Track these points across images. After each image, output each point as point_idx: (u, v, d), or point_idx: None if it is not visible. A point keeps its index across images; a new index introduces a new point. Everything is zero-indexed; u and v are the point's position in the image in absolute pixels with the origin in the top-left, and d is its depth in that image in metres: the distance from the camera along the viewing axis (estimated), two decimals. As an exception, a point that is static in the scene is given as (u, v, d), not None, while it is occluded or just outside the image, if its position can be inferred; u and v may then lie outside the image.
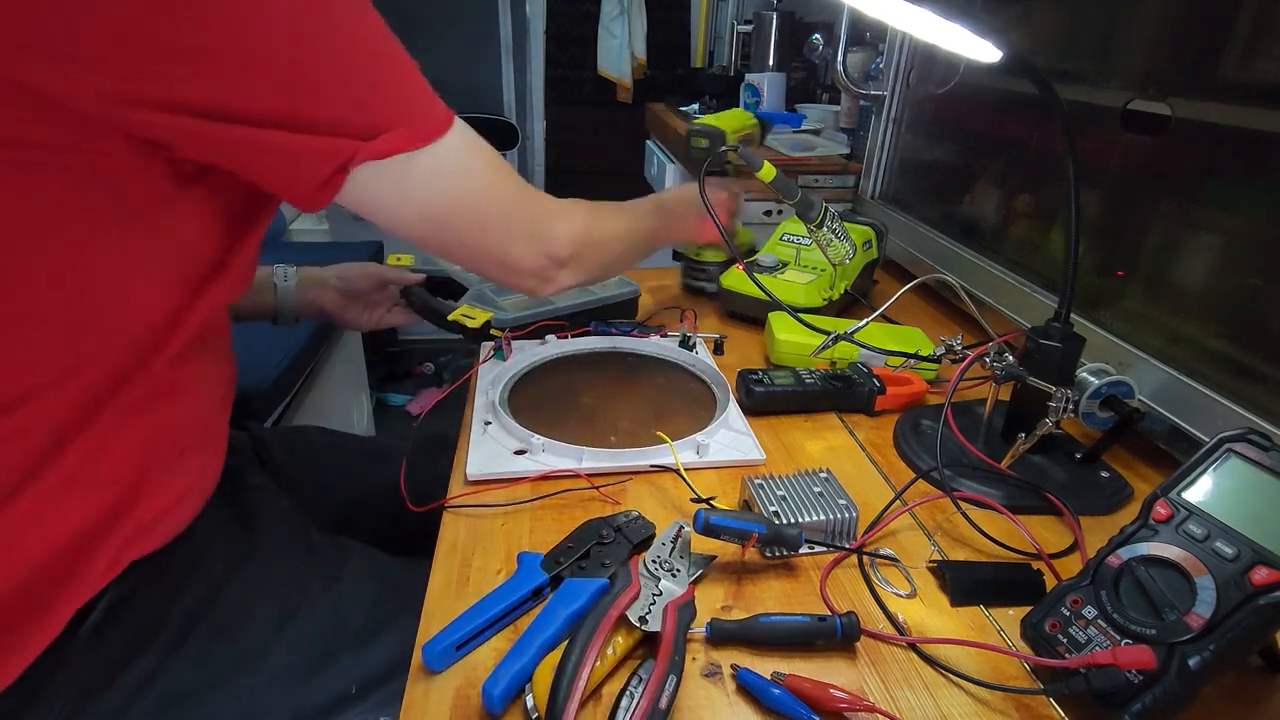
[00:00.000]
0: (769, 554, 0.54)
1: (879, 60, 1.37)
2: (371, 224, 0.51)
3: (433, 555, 0.54)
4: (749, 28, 2.25)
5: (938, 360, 0.75)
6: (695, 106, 2.23)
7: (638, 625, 0.45)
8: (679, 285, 1.09)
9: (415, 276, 0.86)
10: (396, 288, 0.86)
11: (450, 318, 0.79)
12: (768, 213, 1.41)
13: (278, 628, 0.57)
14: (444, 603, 0.50)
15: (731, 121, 1.01)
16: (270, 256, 2.13)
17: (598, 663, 0.42)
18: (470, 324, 0.77)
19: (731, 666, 0.45)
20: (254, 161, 0.44)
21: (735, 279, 0.95)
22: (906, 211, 1.24)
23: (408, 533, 0.67)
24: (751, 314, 0.95)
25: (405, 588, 0.60)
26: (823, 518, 0.55)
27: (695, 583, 0.51)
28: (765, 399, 0.74)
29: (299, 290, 0.82)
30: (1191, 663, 0.39)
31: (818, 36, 1.98)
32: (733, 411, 0.73)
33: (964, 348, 0.71)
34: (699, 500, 0.60)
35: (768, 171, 0.82)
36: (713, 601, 0.51)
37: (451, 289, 0.91)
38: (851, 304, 1.02)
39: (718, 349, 0.88)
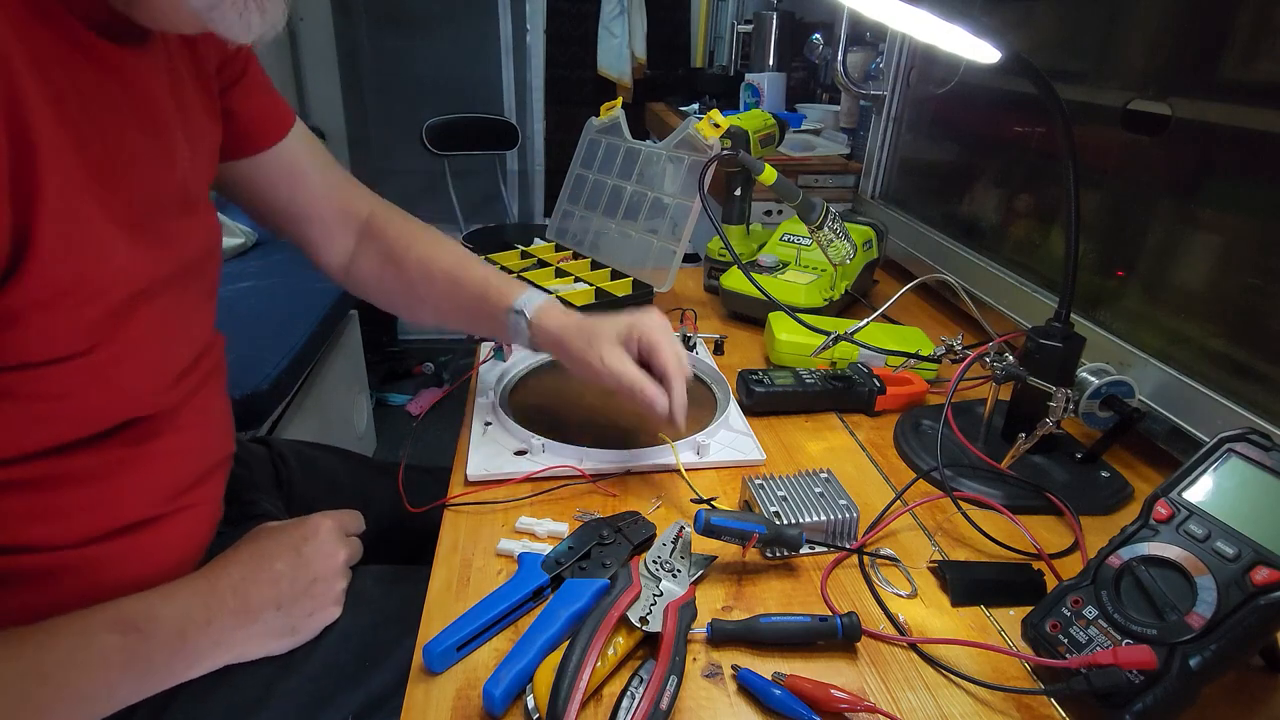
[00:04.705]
0: (769, 554, 0.54)
1: (879, 60, 1.37)
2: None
3: (433, 557, 0.55)
4: (749, 28, 2.26)
5: (938, 360, 0.75)
6: (695, 106, 2.23)
7: (638, 626, 0.45)
8: (696, 287, 1.09)
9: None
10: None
11: None
12: (768, 213, 1.41)
13: (268, 684, 0.53)
14: (444, 603, 0.50)
15: (753, 122, 1.02)
16: (268, 257, 2.09)
17: (598, 663, 0.42)
18: None
19: (732, 667, 0.45)
20: None
21: (736, 279, 0.95)
22: (906, 211, 1.24)
23: (415, 550, 0.66)
24: (752, 314, 0.95)
25: (405, 610, 0.55)
26: (823, 518, 0.55)
27: (696, 583, 0.51)
28: (765, 399, 0.74)
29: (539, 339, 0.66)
30: (1193, 663, 0.39)
31: (818, 36, 1.98)
32: (733, 411, 0.73)
33: (964, 348, 0.71)
34: (700, 501, 0.60)
35: (769, 175, 0.82)
36: (713, 602, 0.51)
37: None
38: (852, 304, 1.02)
39: (718, 349, 0.88)
